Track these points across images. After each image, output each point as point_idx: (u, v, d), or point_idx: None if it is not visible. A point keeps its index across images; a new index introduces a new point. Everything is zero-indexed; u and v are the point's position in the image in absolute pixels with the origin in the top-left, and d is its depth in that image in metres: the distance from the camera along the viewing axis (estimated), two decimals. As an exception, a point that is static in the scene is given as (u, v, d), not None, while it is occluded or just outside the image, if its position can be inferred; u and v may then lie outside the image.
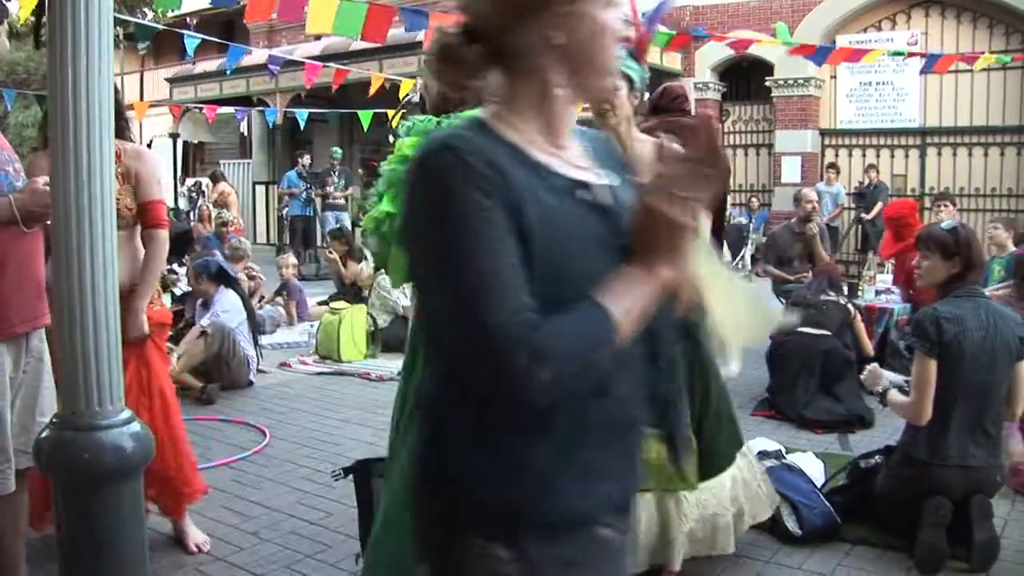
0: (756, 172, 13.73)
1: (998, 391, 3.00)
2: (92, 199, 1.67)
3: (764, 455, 3.30)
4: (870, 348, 5.19)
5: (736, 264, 11.47)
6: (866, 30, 12.58)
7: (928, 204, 9.69)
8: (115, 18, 2.18)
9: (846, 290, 5.60)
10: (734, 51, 9.28)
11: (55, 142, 1.67)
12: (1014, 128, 11.68)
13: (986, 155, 11.83)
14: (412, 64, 11.32)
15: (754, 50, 9.53)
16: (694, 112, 5.48)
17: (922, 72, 9.12)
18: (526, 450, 1.08)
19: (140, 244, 2.93)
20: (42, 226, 2.37)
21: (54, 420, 1.79)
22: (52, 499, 1.78)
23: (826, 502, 3.13)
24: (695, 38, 6.85)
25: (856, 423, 4.53)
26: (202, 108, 12.09)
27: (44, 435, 1.77)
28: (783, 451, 3.50)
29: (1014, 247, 5.63)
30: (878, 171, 11.61)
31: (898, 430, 3.28)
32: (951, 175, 11.93)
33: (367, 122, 10.53)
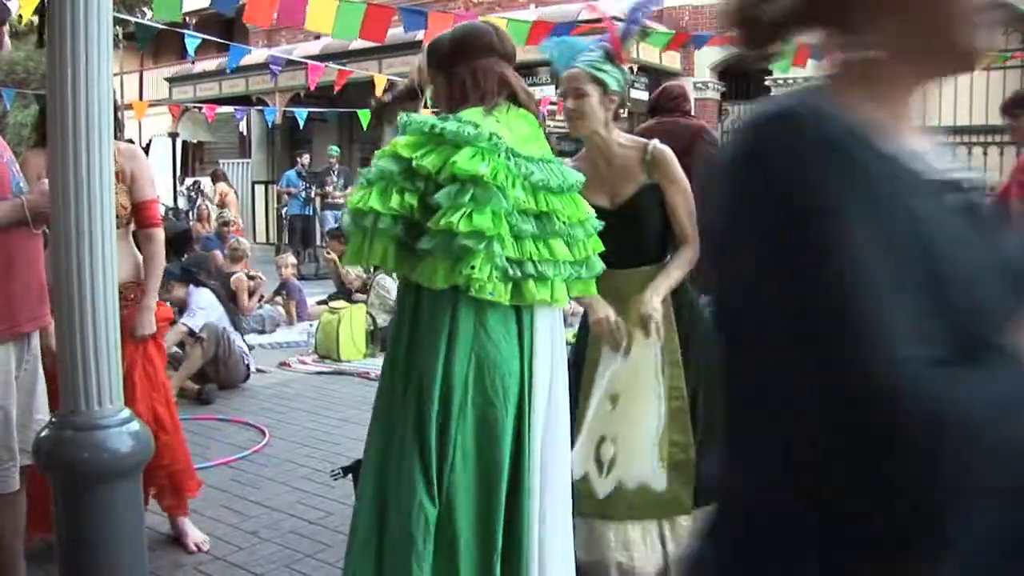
0: (755, 172, 13.75)
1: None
2: (91, 198, 1.67)
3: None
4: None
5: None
6: (866, 30, 12.61)
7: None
8: (115, 18, 2.18)
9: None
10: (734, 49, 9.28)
11: (54, 141, 1.67)
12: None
13: (985, 154, 11.86)
14: (412, 63, 11.30)
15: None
16: (694, 111, 5.45)
17: None
18: None
19: (133, 243, 2.97)
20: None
21: (53, 420, 1.79)
22: (52, 500, 1.77)
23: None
24: (694, 38, 6.82)
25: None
26: (201, 107, 12.09)
27: (43, 434, 1.78)
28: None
29: None
30: (877, 171, 11.64)
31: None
32: (950, 174, 11.99)
33: (366, 121, 10.53)
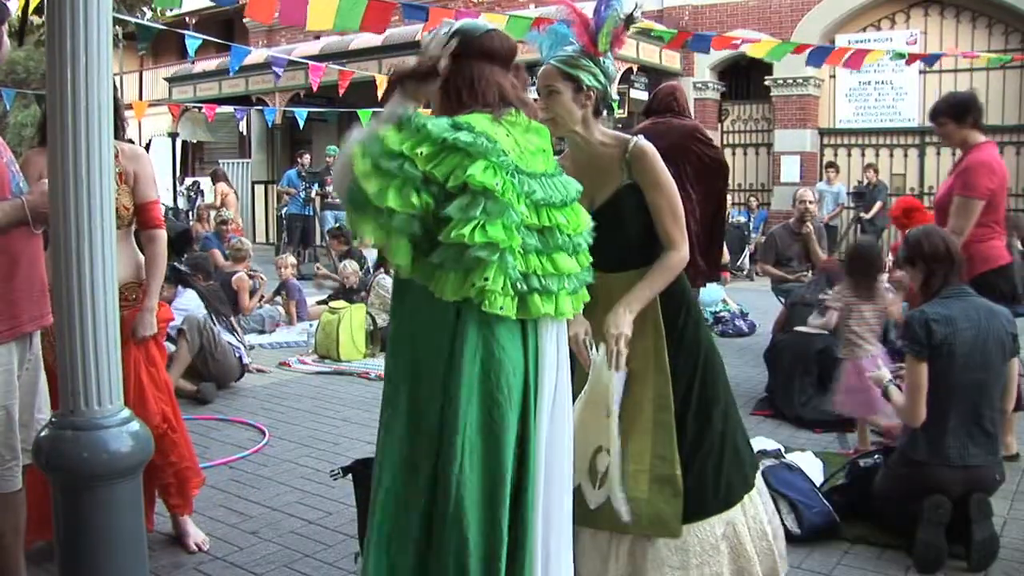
0: (755, 172, 13.74)
1: (993, 389, 3.01)
2: (92, 198, 1.67)
3: (763, 454, 3.30)
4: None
5: (737, 264, 11.47)
6: (865, 29, 12.59)
7: (928, 204, 9.69)
8: (115, 18, 2.18)
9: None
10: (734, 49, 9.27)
11: (54, 141, 1.67)
12: (1013, 127, 11.69)
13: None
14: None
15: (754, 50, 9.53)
16: (694, 111, 5.47)
17: (925, 63, 9.04)
18: None
19: (135, 244, 2.97)
20: None
21: (53, 420, 1.79)
22: (52, 500, 1.77)
23: (825, 501, 3.13)
24: (693, 38, 6.81)
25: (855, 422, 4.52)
26: (201, 107, 12.09)
27: (43, 434, 1.77)
28: (782, 450, 3.50)
29: (1021, 247, 5.61)
30: (877, 171, 11.61)
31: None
32: (950, 174, 11.96)
33: (367, 121, 10.52)
